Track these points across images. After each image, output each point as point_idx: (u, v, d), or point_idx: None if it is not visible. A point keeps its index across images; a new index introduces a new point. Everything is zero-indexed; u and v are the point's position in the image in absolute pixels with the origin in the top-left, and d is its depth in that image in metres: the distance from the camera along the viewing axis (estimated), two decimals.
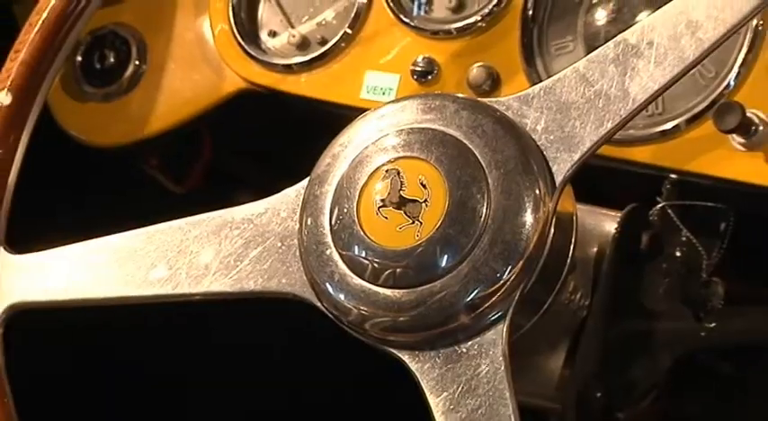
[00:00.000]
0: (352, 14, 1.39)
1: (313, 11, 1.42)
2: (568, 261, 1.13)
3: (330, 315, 1.13)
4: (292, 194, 1.16)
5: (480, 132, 1.10)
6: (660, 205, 1.24)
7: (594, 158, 1.10)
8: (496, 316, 1.08)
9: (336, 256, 1.12)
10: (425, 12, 1.37)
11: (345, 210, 1.12)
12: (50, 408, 1.19)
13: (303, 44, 1.41)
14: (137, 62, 1.46)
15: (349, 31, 1.39)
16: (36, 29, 1.22)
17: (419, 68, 1.34)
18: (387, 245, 1.10)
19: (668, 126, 1.26)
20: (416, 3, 1.37)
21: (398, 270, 1.09)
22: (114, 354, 1.70)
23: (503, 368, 1.07)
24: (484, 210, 1.08)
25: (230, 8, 1.42)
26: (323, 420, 1.75)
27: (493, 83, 1.32)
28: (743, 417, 1.40)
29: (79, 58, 1.46)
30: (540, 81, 1.14)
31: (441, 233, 1.09)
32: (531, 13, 1.33)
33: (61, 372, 1.34)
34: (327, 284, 1.12)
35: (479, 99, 1.14)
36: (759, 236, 1.28)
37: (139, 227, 1.19)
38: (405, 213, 1.10)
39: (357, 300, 1.11)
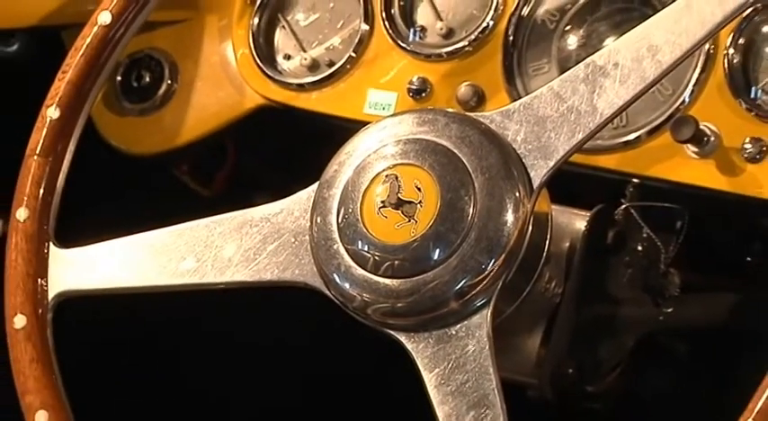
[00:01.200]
0: (356, 40, 1.39)
1: (322, 37, 1.41)
2: (544, 254, 1.14)
3: (337, 301, 1.13)
4: (304, 196, 1.16)
5: (468, 142, 1.11)
6: (624, 206, 1.24)
7: (567, 165, 1.11)
8: (482, 302, 1.09)
9: (342, 250, 1.12)
10: (420, 38, 1.37)
11: (350, 210, 1.12)
12: (88, 392, 1.19)
13: (313, 66, 1.41)
14: (169, 81, 1.46)
15: (353, 54, 1.38)
16: (81, 52, 1.22)
17: (414, 87, 1.34)
18: (386, 240, 1.10)
19: (631, 137, 1.26)
20: (412, 30, 1.37)
21: (396, 262, 1.10)
22: (142, 347, 1.69)
23: (487, 348, 1.07)
24: (471, 210, 1.09)
25: (250, 35, 1.42)
26: (330, 405, 1.74)
27: (478, 99, 1.32)
28: (696, 390, 1.40)
29: (119, 78, 1.46)
30: (520, 98, 1.15)
31: (433, 230, 1.09)
32: (511, 39, 1.33)
33: (95, 361, 1.33)
34: (335, 275, 1.12)
35: (467, 113, 1.15)
36: (710, 232, 1.28)
37: (171, 225, 1.19)
38: (402, 213, 1.10)
39: (360, 288, 1.11)
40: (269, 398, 1.72)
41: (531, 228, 1.10)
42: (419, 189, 1.10)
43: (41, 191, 1.20)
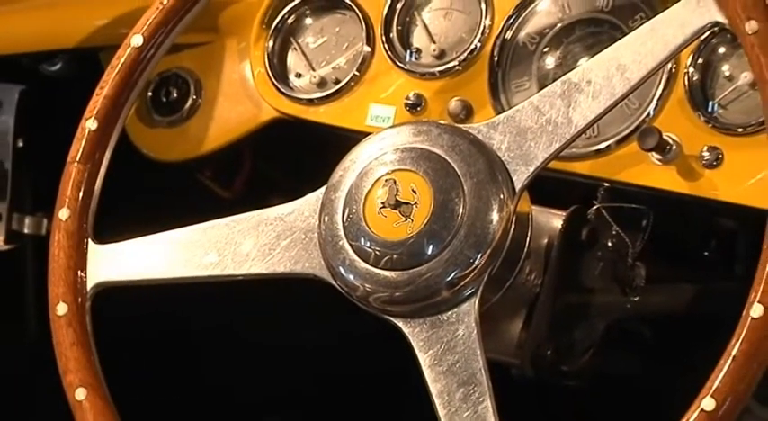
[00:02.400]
0: (359, 61, 1.38)
1: (329, 58, 1.41)
2: (525, 249, 1.14)
3: (342, 291, 1.13)
4: (313, 198, 1.16)
5: (458, 150, 1.11)
6: (596, 207, 1.23)
7: (545, 170, 1.11)
8: (470, 292, 1.09)
9: (347, 246, 1.12)
10: (415, 58, 1.37)
11: (354, 211, 1.12)
12: (122, 373, 1.19)
13: (321, 83, 1.40)
14: (194, 97, 1.46)
15: (357, 73, 1.38)
16: (116, 71, 1.22)
17: (410, 101, 1.34)
18: (386, 237, 1.10)
19: (602, 146, 1.26)
20: (408, 51, 1.37)
21: (395, 256, 1.10)
22: (167, 336, 1.69)
23: (475, 332, 1.08)
24: (460, 211, 1.09)
25: (266, 56, 1.41)
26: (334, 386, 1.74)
27: (467, 112, 1.32)
28: (659, 370, 1.40)
29: (150, 94, 1.46)
30: (504, 111, 1.15)
31: (427, 228, 1.09)
32: (496, 59, 1.32)
33: (128, 347, 1.33)
34: (340, 267, 1.12)
35: (457, 125, 1.15)
36: (672, 230, 1.28)
37: (196, 223, 1.19)
38: (400, 213, 1.10)
39: (363, 279, 1.11)
40: (279, 383, 1.72)
41: (513, 226, 1.10)
42: (415, 192, 1.10)
43: (81, 193, 1.20)
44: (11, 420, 1.75)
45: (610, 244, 1.23)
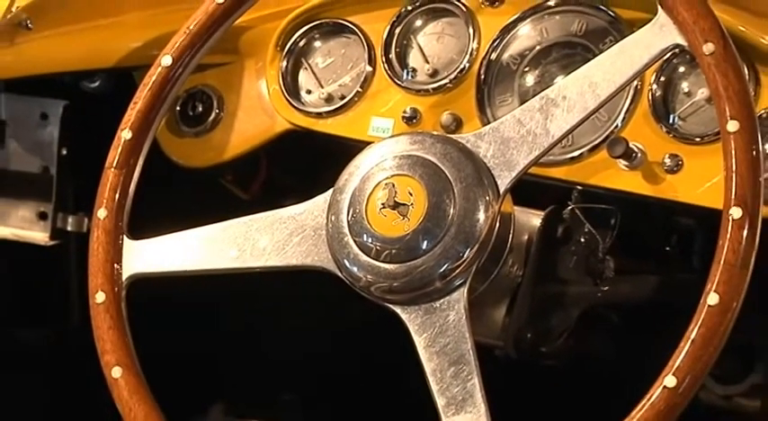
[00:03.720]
0: (362, 79, 1.38)
1: (336, 76, 1.41)
2: (508, 245, 1.14)
3: (347, 281, 1.13)
4: (321, 200, 1.15)
5: (449, 158, 1.10)
6: (570, 207, 1.23)
7: (526, 175, 1.11)
8: (460, 282, 1.09)
9: (351, 242, 1.12)
10: (411, 77, 1.37)
11: (357, 211, 1.12)
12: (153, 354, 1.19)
13: (329, 99, 1.40)
14: (217, 111, 1.45)
15: (360, 89, 1.37)
16: (148, 87, 1.22)
17: (407, 115, 1.34)
18: (385, 234, 1.10)
19: (575, 153, 1.26)
20: (405, 70, 1.36)
21: (393, 251, 1.10)
22: (197, 322, 1.69)
23: (464, 317, 1.08)
24: (451, 211, 1.09)
25: (280, 75, 1.41)
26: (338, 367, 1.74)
27: (457, 124, 1.31)
28: (627, 351, 1.39)
29: (178, 108, 1.45)
30: (489, 123, 1.15)
31: (422, 226, 1.09)
32: (482, 77, 1.32)
33: (159, 331, 1.33)
34: (345, 261, 1.12)
35: (448, 135, 1.15)
36: (637, 227, 1.28)
37: (218, 222, 1.19)
38: (398, 212, 1.10)
39: (365, 271, 1.11)
40: (292, 363, 1.72)
41: (498, 224, 1.10)
42: (411, 194, 1.10)
43: (117, 195, 1.20)
44: (57, 395, 1.75)
45: (582, 240, 1.23)
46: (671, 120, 1.24)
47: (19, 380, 1.73)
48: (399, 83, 1.36)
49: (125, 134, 1.21)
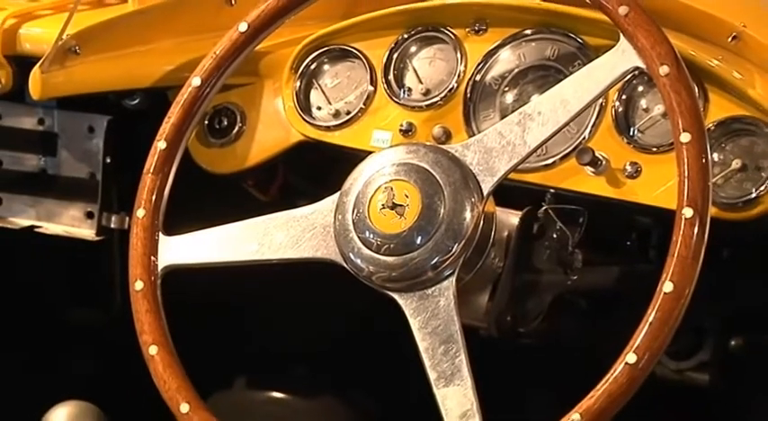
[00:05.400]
0: (365, 97, 1.37)
1: (342, 95, 1.39)
2: (491, 240, 1.13)
3: (352, 272, 1.12)
4: (330, 201, 1.15)
5: (440, 165, 1.10)
6: (544, 208, 1.22)
7: (506, 180, 1.10)
8: (449, 272, 1.08)
9: (356, 237, 1.11)
10: (407, 95, 1.35)
11: (361, 211, 1.11)
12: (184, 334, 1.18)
13: (336, 114, 1.39)
14: (240, 125, 1.44)
15: (363, 106, 1.36)
16: (180, 104, 1.21)
17: (403, 128, 1.33)
18: (385, 231, 1.10)
19: (549, 161, 1.25)
20: (402, 90, 1.35)
21: (392, 245, 1.09)
22: (221, 310, 1.68)
23: (453, 303, 1.07)
24: (442, 210, 1.08)
25: (294, 94, 1.40)
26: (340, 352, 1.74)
27: (447, 136, 1.30)
28: (593, 332, 1.38)
29: (206, 122, 1.44)
30: (474, 135, 1.15)
31: (417, 224, 1.09)
32: (468, 96, 1.31)
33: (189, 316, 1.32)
34: (350, 254, 1.11)
35: (439, 146, 1.14)
36: (602, 225, 1.27)
37: (241, 220, 1.18)
38: (396, 212, 1.10)
39: (367, 263, 1.10)
40: (302, 341, 1.71)
41: (482, 222, 1.09)
42: (407, 196, 1.10)
43: (153, 197, 1.19)
44: (103, 368, 1.74)
45: (555, 236, 1.22)
46: (631, 133, 1.23)
47: (71, 355, 1.74)
48: (397, 100, 1.35)
49: (160, 144, 1.21)
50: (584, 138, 1.24)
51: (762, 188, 1.16)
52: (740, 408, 1.49)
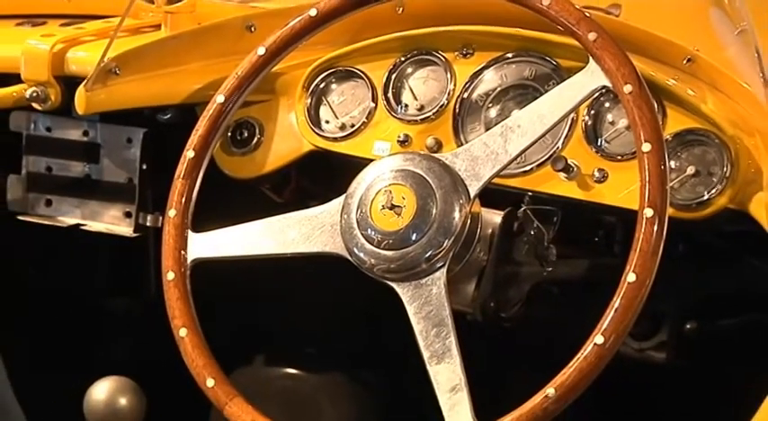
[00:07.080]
0: (367, 112, 1.36)
1: (347, 110, 1.38)
2: (477, 236, 1.13)
3: (355, 264, 1.12)
4: (337, 202, 1.15)
5: (432, 171, 1.10)
6: (523, 208, 1.22)
7: (490, 185, 1.10)
8: (440, 265, 1.08)
9: (359, 234, 1.11)
10: (404, 110, 1.34)
11: (363, 211, 1.11)
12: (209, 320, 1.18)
13: (342, 127, 1.38)
14: (258, 136, 1.44)
15: (365, 120, 1.35)
16: (206, 118, 1.21)
17: (401, 139, 1.32)
18: (385, 228, 1.10)
19: (527, 168, 1.24)
20: (399, 106, 1.34)
21: (390, 241, 1.09)
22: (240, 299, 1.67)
23: (444, 291, 1.07)
24: (434, 211, 1.08)
25: (306, 109, 1.39)
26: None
27: (438, 146, 1.29)
28: (566, 318, 1.37)
29: (229, 133, 1.44)
30: (462, 145, 1.14)
31: (412, 222, 1.09)
32: (457, 111, 1.30)
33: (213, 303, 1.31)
34: (354, 248, 1.11)
35: (432, 154, 1.14)
36: (573, 223, 1.27)
37: (259, 219, 1.18)
38: (394, 212, 1.10)
39: (369, 256, 1.10)
40: (311, 326, 1.70)
41: (469, 221, 1.09)
42: (404, 198, 1.10)
43: (183, 199, 1.19)
44: (139, 350, 1.74)
45: (532, 233, 1.22)
46: (599, 143, 1.23)
47: (111, 337, 1.74)
48: (395, 115, 1.35)
49: (189, 153, 1.20)
50: (557, 147, 1.24)
51: (713, 191, 1.16)
52: (693, 383, 1.49)
